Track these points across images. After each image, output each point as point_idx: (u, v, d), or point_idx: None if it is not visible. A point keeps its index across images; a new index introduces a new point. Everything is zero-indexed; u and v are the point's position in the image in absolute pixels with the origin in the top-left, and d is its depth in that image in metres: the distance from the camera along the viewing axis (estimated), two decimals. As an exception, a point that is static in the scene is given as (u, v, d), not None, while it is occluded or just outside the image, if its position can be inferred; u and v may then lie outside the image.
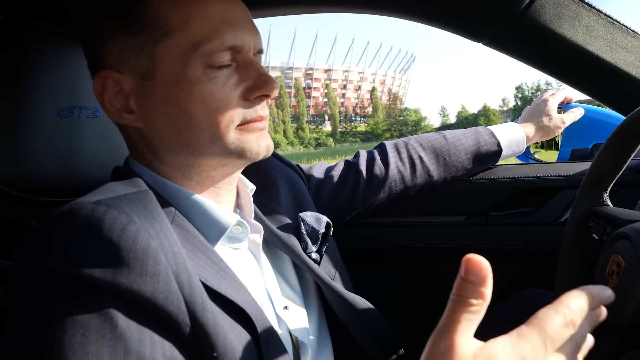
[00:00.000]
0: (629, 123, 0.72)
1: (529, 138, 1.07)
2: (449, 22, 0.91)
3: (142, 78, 0.58)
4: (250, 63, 0.60)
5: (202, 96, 0.56)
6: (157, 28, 0.56)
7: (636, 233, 0.59)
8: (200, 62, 0.56)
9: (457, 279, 0.32)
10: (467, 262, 0.31)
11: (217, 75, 0.57)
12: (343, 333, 0.73)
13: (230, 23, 0.58)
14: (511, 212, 1.09)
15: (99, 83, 0.59)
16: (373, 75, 79.66)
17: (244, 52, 0.60)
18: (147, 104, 0.58)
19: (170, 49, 0.56)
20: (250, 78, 0.59)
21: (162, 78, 0.57)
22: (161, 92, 0.57)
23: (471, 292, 0.31)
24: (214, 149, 0.59)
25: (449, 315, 0.32)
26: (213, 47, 0.56)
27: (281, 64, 73.81)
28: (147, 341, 0.45)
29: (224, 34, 0.57)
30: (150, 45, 0.56)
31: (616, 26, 0.86)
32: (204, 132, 0.58)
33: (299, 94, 73.76)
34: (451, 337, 0.32)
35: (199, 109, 0.57)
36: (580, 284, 0.82)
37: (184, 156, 0.60)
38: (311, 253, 0.73)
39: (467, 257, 0.31)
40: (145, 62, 0.57)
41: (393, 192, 0.98)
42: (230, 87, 0.58)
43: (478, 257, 0.31)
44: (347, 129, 79.43)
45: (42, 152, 0.70)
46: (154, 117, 0.59)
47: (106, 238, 0.45)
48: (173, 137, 0.59)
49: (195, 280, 0.50)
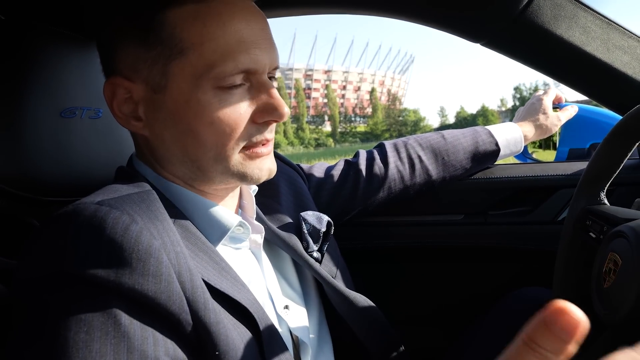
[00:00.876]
0: (625, 123, 0.72)
1: (526, 137, 1.07)
2: (447, 23, 0.92)
3: (153, 91, 0.57)
4: (264, 86, 0.59)
5: (211, 119, 0.56)
6: (172, 45, 0.55)
7: (633, 231, 0.59)
8: (211, 85, 0.55)
9: (537, 323, 0.24)
10: (559, 312, 0.23)
11: (228, 97, 0.56)
12: (344, 331, 0.74)
13: (246, 44, 0.56)
14: (509, 211, 1.10)
15: (110, 89, 0.58)
16: (372, 76, 79.63)
17: (258, 74, 0.58)
18: (155, 116, 0.58)
19: (183, 67, 0.55)
20: (262, 101, 0.58)
21: (172, 94, 0.56)
22: (171, 107, 0.57)
23: (553, 347, 0.24)
24: (217, 168, 0.59)
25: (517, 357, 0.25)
26: (226, 71, 0.55)
27: (281, 64, 73.50)
28: (150, 339, 0.45)
29: (238, 56, 0.55)
30: (164, 60, 0.56)
31: (613, 27, 0.87)
32: (209, 152, 0.58)
33: (299, 95, 73.71)
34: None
35: (207, 130, 0.56)
36: (577, 282, 0.83)
37: (188, 168, 0.60)
38: (313, 252, 0.73)
39: (561, 307, 0.23)
40: (158, 76, 0.56)
41: (392, 192, 0.99)
42: (240, 110, 0.57)
43: (576, 311, 0.23)
44: (347, 129, 79.37)
45: (45, 152, 0.70)
46: (161, 129, 0.59)
47: (109, 238, 0.45)
48: (179, 151, 0.59)
49: (197, 280, 0.50)
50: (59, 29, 0.75)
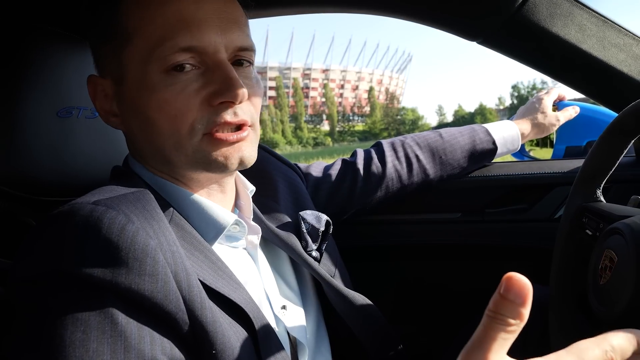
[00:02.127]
0: (621, 120, 0.72)
1: (524, 135, 1.08)
2: (443, 21, 0.92)
3: (117, 83, 0.59)
4: (217, 66, 0.56)
5: (158, 103, 0.55)
6: (122, 34, 0.57)
7: (628, 228, 0.60)
8: (157, 67, 0.55)
9: (496, 296, 0.29)
10: (508, 280, 0.29)
11: (176, 80, 0.55)
12: (342, 330, 0.74)
13: (187, 22, 0.54)
14: (506, 209, 1.10)
15: (90, 87, 0.61)
16: (370, 75, 79.66)
17: (211, 54, 0.56)
18: (122, 108, 0.60)
19: (132, 54, 0.56)
20: (214, 82, 0.56)
21: (129, 84, 0.58)
22: (130, 97, 0.58)
23: (510, 311, 0.29)
24: (180, 157, 0.57)
25: (484, 331, 0.30)
26: (165, 50, 0.54)
27: (279, 64, 73.75)
28: (147, 338, 0.46)
29: (177, 35, 0.54)
30: (119, 50, 0.57)
31: (608, 24, 0.87)
32: (169, 140, 0.57)
33: (297, 94, 73.73)
34: (485, 355, 0.30)
35: (158, 116, 0.56)
36: (573, 279, 0.83)
37: (159, 160, 0.60)
38: (312, 251, 0.73)
39: (509, 275, 0.29)
40: (117, 68, 0.58)
41: (390, 190, 0.99)
42: (189, 93, 0.55)
43: (520, 276, 0.29)
44: (345, 128, 79.44)
45: (41, 152, 0.70)
46: (129, 122, 0.60)
47: (105, 238, 0.45)
48: (146, 142, 0.60)
49: (193, 279, 0.50)
50: (55, 29, 0.75)
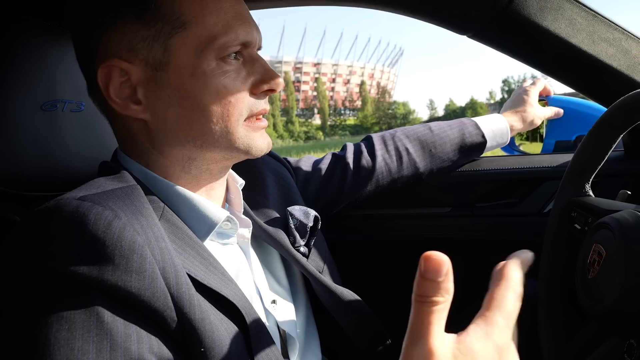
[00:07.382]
0: (610, 115, 0.73)
1: (512, 128, 1.08)
2: (434, 14, 0.92)
3: (154, 69, 0.57)
4: (257, 59, 0.62)
5: (217, 89, 0.57)
6: (172, 19, 0.56)
7: (616, 223, 0.60)
8: (214, 56, 0.57)
9: (417, 278, 0.30)
10: (425, 260, 0.29)
11: (229, 68, 0.58)
12: (331, 325, 0.74)
13: (242, 19, 0.59)
14: (496, 203, 1.10)
15: (105, 72, 0.57)
16: (362, 69, 79.61)
17: (250, 48, 0.61)
18: (157, 95, 0.58)
19: (185, 40, 0.57)
20: (257, 73, 0.61)
21: (176, 70, 0.57)
22: (175, 83, 0.57)
23: (434, 290, 0.30)
24: (222, 143, 0.60)
25: (418, 318, 0.31)
26: (228, 41, 0.57)
27: (270, 57, 73.32)
28: (133, 337, 0.45)
29: (237, 29, 0.58)
30: (165, 36, 0.56)
31: (598, 19, 0.87)
32: (216, 125, 0.59)
33: (288, 88, 73.44)
34: (427, 342, 0.30)
35: (213, 101, 0.58)
36: (563, 273, 0.84)
37: (190, 149, 0.60)
38: (300, 247, 0.73)
39: (425, 255, 0.29)
40: (159, 53, 0.57)
41: (380, 184, 0.99)
42: (240, 81, 0.59)
43: (435, 254, 0.29)
44: (337, 122, 79.43)
45: (26, 146, 0.69)
46: (164, 109, 0.58)
47: (91, 234, 0.45)
48: (183, 129, 0.59)
49: (182, 276, 0.50)
50: (38, 21, 0.73)
